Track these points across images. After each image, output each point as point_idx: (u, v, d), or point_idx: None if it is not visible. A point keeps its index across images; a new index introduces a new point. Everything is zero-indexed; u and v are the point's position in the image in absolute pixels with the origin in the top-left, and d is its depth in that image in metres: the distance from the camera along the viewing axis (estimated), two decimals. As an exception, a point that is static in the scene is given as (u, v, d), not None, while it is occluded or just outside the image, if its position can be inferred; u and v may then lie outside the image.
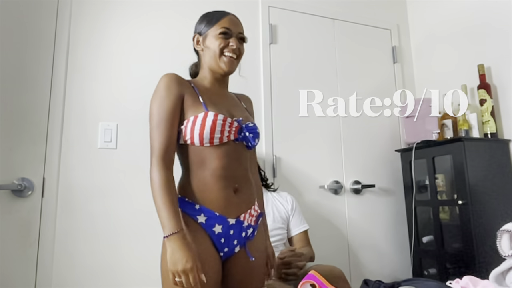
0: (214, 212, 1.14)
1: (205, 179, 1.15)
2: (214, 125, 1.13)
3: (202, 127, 1.13)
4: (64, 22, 1.97)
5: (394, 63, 2.74)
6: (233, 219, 1.17)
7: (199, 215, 1.14)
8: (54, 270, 1.78)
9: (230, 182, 1.18)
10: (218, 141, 1.15)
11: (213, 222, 1.14)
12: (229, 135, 1.17)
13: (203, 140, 1.14)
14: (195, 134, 1.13)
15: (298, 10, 2.50)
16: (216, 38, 1.23)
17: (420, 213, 2.30)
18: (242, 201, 1.21)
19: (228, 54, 1.23)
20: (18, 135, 1.81)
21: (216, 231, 1.14)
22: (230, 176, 1.18)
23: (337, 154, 2.44)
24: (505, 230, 1.10)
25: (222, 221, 1.15)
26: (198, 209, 1.14)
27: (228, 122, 1.17)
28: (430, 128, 2.28)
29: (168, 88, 1.15)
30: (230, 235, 1.16)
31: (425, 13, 2.74)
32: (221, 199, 1.15)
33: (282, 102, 2.35)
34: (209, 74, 1.28)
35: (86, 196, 1.88)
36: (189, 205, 1.15)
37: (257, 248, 1.25)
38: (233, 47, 1.23)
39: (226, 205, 1.16)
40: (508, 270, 1.06)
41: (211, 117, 1.14)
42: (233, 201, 1.18)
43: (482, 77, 2.21)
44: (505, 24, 2.17)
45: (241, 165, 1.23)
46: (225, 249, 1.17)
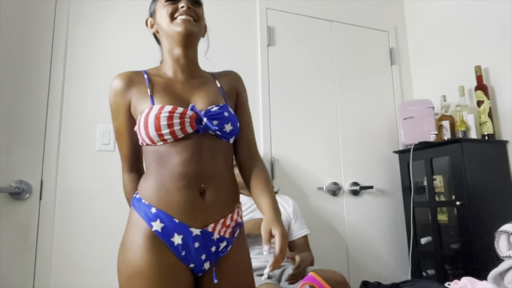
0: (173, 218, 0.94)
1: (163, 177, 0.97)
2: (157, 120, 0.95)
3: (145, 125, 0.96)
4: (62, 23, 1.97)
5: (391, 65, 2.75)
6: (198, 229, 0.96)
7: (154, 221, 0.94)
8: (52, 272, 1.77)
9: (194, 180, 0.97)
10: (171, 137, 0.96)
11: (171, 232, 0.94)
12: (182, 127, 0.96)
13: (152, 139, 0.97)
14: (142, 134, 0.98)
15: (296, 12, 2.51)
16: (163, 7, 1.06)
17: (418, 214, 2.30)
18: (212, 207, 0.98)
19: (181, 17, 1.03)
20: (16, 137, 1.81)
21: (175, 242, 0.94)
22: (194, 174, 0.97)
23: (335, 156, 2.45)
24: (503, 231, 1.10)
25: (182, 230, 0.94)
26: (154, 214, 0.95)
27: (178, 113, 0.96)
28: (428, 129, 2.29)
29: (115, 100, 1.07)
30: (194, 249, 0.95)
31: (422, 15, 2.75)
32: (181, 202, 0.95)
33: (280, 103, 2.35)
34: (169, 54, 1.08)
35: (84, 198, 1.87)
36: (145, 207, 0.96)
37: (234, 266, 1.02)
38: (184, 8, 1.03)
39: (188, 210, 0.95)
40: (506, 271, 1.07)
41: (154, 112, 0.96)
42: (197, 205, 0.96)
43: (480, 78, 2.22)
44: (502, 26, 2.18)
45: (209, 160, 1.00)
46: (191, 264, 0.96)
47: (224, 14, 2.33)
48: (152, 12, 1.13)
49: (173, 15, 1.05)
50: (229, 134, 1.04)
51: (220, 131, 1.02)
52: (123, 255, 0.97)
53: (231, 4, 2.36)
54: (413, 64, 2.81)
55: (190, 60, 1.09)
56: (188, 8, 1.04)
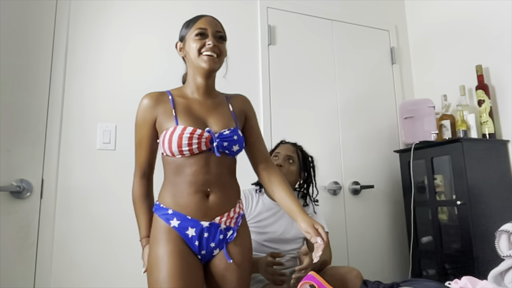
0: (186, 216, 1.17)
1: (178, 185, 1.19)
2: (180, 140, 1.16)
3: (169, 141, 1.17)
4: (62, 23, 1.97)
5: (392, 64, 2.74)
6: (207, 222, 1.18)
7: (172, 220, 1.17)
8: (53, 271, 1.78)
9: (201, 187, 1.19)
10: (189, 153, 1.18)
11: (185, 225, 1.16)
12: (199, 146, 1.18)
13: (173, 153, 1.18)
14: (166, 148, 1.18)
15: (297, 11, 2.51)
16: (193, 40, 1.24)
17: (419, 213, 2.30)
18: (217, 205, 1.20)
19: (206, 53, 1.22)
20: (17, 136, 1.81)
21: (189, 234, 1.16)
22: (201, 181, 1.19)
23: (336, 155, 2.45)
24: (504, 231, 1.10)
25: (194, 224, 1.17)
26: (171, 214, 1.17)
27: (197, 135, 1.18)
28: (428, 128, 2.28)
29: (143, 115, 1.25)
30: (205, 238, 1.18)
31: (423, 14, 2.74)
32: (192, 203, 1.17)
33: (280, 102, 2.35)
34: (192, 79, 1.29)
35: (85, 197, 1.88)
36: (163, 210, 1.19)
37: (240, 249, 1.24)
38: (210, 45, 1.22)
39: (197, 209, 1.18)
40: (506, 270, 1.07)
41: (178, 132, 1.17)
42: (205, 205, 1.19)
43: (480, 77, 2.21)
44: (503, 25, 2.17)
45: (215, 171, 1.22)
46: (202, 251, 1.19)
47: (225, 13, 2.32)
48: (182, 37, 1.31)
49: (200, 49, 1.23)
50: (235, 153, 1.27)
51: (229, 151, 1.24)
52: (150, 250, 1.18)
53: (232, 3, 2.36)
54: (413, 63, 2.81)
55: (208, 86, 1.30)
56: (214, 46, 1.23)
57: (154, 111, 1.24)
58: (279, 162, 1.79)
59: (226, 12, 2.33)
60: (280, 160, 1.80)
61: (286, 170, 1.78)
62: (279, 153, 1.84)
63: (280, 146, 1.90)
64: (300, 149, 1.89)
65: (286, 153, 1.82)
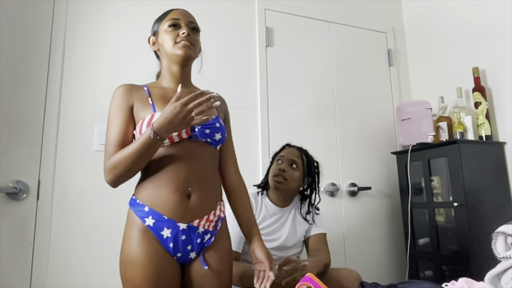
0: (163, 216, 1.09)
1: (156, 181, 1.12)
2: None
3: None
4: (60, 23, 1.97)
5: (389, 66, 2.75)
6: (184, 224, 1.11)
7: (147, 218, 1.09)
8: (49, 272, 1.77)
9: (182, 185, 1.12)
10: (168, 141, 1.11)
11: (161, 226, 1.09)
12: (179, 133, 1.12)
13: None
14: None
15: (295, 13, 2.52)
16: (166, 31, 1.22)
17: (416, 215, 2.31)
18: (197, 206, 1.13)
19: (181, 42, 1.20)
20: (13, 137, 1.80)
21: (164, 235, 1.09)
22: (182, 179, 1.12)
23: (334, 157, 2.45)
24: (500, 232, 1.11)
25: (171, 225, 1.09)
26: (147, 211, 1.10)
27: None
28: (425, 130, 2.29)
29: (118, 102, 1.18)
30: (182, 240, 1.11)
31: (420, 16, 2.76)
32: (171, 203, 1.10)
33: (278, 104, 2.36)
34: (167, 70, 1.25)
35: (82, 199, 1.87)
36: (139, 206, 1.11)
37: (218, 255, 1.17)
38: (184, 34, 1.19)
39: (176, 210, 1.10)
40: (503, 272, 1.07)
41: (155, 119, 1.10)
42: (184, 206, 1.11)
43: (477, 80, 2.22)
44: (500, 27, 2.19)
45: (196, 166, 1.15)
46: (178, 254, 1.12)
47: (222, 15, 2.33)
48: (154, 32, 1.29)
49: (175, 39, 1.21)
50: (218, 142, 1.21)
51: (211, 139, 1.18)
52: (122, 247, 1.12)
53: (229, 5, 2.36)
54: (411, 65, 2.82)
55: (185, 76, 1.26)
56: (188, 35, 1.20)
57: (130, 98, 1.18)
58: (282, 167, 1.74)
59: (224, 14, 2.33)
60: (284, 165, 1.75)
61: (289, 176, 1.73)
62: (283, 157, 1.79)
63: (285, 150, 1.85)
64: (305, 153, 1.84)
65: (290, 158, 1.77)
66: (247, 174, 1.44)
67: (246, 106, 2.27)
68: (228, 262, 1.21)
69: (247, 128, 2.26)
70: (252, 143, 2.26)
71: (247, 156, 2.20)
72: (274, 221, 1.74)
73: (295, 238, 1.75)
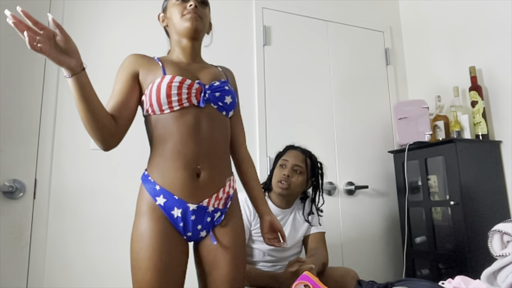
0: (173, 195, 1.09)
1: (165, 155, 1.11)
2: (169, 88, 1.09)
3: (158, 91, 1.09)
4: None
5: (387, 65, 2.76)
6: (194, 204, 1.11)
7: (158, 197, 1.10)
8: (46, 272, 1.76)
9: (191, 162, 1.10)
10: (178, 104, 1.10)
11: (171, 205, 1.09)
12: (189, 97, 1.11)
13: (161, 106, 1.10)
14: (153, 99, 1.10)
15: (292, 12, 2.51)
16: (174, 5, 1.21)
17: (413, 213, 2.32)
18: (206, 185, 1.13)
19: (188, 15, 1.18)
20: (10, 136, 1.79)
21: (174, 215, 1.10)
22: (191, 155, 1.10)
23: (331, 155, 2.45)
24: (496, 230, 1.11)
25: (181, 205, 1.10)
26: (158, 190, 1.10)
27: (187, 84, 1.11)
28: (422, 129, 2.30)
29: (124, 68, 1.17)
30: (191, 220, 1.11)
31: (417, 16, 2.76)
32: (180, 181, 1.09)
33: (275, 103, 2.36)
34: (177, 44, 1.24)
35: (78, 197, 1.86)
36: (151, 184, 1.11)
37: (229, 232, 1.17)
38: (192, 6, 1.18)
39: (185, 189, 1.10)
40: (499, 270, 1.08)
41: (167, 80, 1.10)
42: (194, 185, 1.11)
43: (474, 79, 2.23)
44: (496, 27, 2.19)
45: (207, 139, 1.14)
46: (188, 233, 1.12)
47: (220, 14, 2.32)
48: (164, 8, 1.28)
49: (182, 12, 1.19)
50: (229, 106, 1.20)
51: (222, 102, 1.17)
52: (134, 223, 1.12)
53: (227, 3, 2.35)
54: (408, 64, 2.82)
55: (195, 49, 1.24)
56: (195, 7, 1.18)
57: (136, 64, 1.17)
58: (287, 172, 1.72)
59: (222, 13, 2.32)
60: (288, 170, 1.73)
61: (293, 182, 1.72)
62: (287, 161, 1.75)
63: (288, 152, 1.81)
64: (309, 156, 1.80)
65: (295, 163, 1.74)
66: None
67: (244, 104, 2.24)
68: (240, 236, 1.21)
69: (244, 127, 2.25)
70: (249, 142, 2.22)
71: (244, 155, 2.20)
72: None
73: (295, 239, 1.75)
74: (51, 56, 0.95)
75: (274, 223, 1.30)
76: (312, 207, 1.82)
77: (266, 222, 1.29)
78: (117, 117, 1.11)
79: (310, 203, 1.82)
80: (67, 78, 1.00)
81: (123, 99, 1.14)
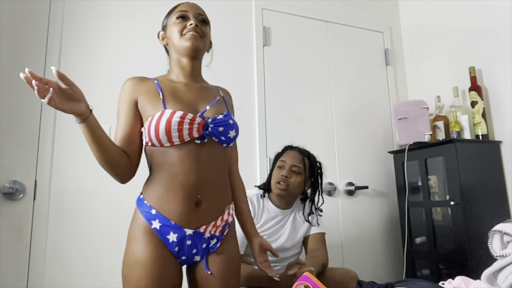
0: (170, 221, 1.08)
1: (165, 184, 1.09)
2: (169, 124, 1.06)
3: (156, 127, 1.06)
4: (56, 23, 1.96)
5: (386, 66, 2.76)
6: (191, 230, 1.10)
7: (154, 220, 1.08)
8: (46, 273, 1.76)
9: (192, 192, 1.09)
10: (178, 140, 1.07)
11: (167, 230, 1.08)
12: (191, 132, 1.08)
13: (160, 141, 1.08)
14: (152, 135, 1.08)
15: (292, 13, 2.52)
16: (174, 24, 1.19)
17: (413, 214, 2.31)
18: (205, 213, 1.12)
19: (189, 33, 1.16)
20: (10, 137, 1.79)
21: (170, 239, 1.08)
22: (192, 185, 1.09)
23: (331, 156, 2.45)
24: (496, 231, 1.11)
25: (177, 230, 1.08)
26: (154, 214, 1.08)
27: (188, 119, 1.08)
28: (422, 129, 2.30)
29: (123, 96, 1.16)
30: (187, 245, 1.10)
31: (416, 16, 2.76)
32: (179, 210, 1.08)
33: (275, 103, 2.36)
34: (176, 64, 1.21)
35: (79, 199, 1.86)
36: (146, 207, 1.09)
37: (223, 261, 1.16)
38: (192, 25, 1.16)
39: (184, 217, 1.09)
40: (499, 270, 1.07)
41: (167, 116, 1.06)
42: (192, 213, 1.10)
43: (473, 79, 2.23)
44: (496, 27, 2.19)
45: (208, 170, 1.12)
46: (183, 257, 1.12)
47: (220, 15, 2.32)
48: (164, 26, 1.26)
49: (182, 31, 1.17)
50: (232, 139, 1.18)
51: (225, 137, 1.15)
52: (127, 247, 1.10)
53: (227, 4, 2.36)
54: (407, 65, 2.82)
55: (194, 69, 1.22)
56: (195, 26, 1.17)
57: (135, 92, 1.14)
58: (285, 173, 1.72)
59: (221, 13, 2.33)
60: (286, 171, 1.72)
61: (291, 182, 1.72)
62: (285, 163, 1.75)
63: (287, 153, 1.80)
64: (307, 156, 1.80)
65: (293, 163, 1.74)
66: (244, 174, 1.43)
67: (243, 105, 2.27)
68: (234, 267, 1.19)
69: (244, 128, 2.23)
70: (249, 143, 2.26)
71: (244, 156, 2.19)
72: (275, 223, 1.74)
73: (295, 239, 1.75)
74: (64, 107, 0.98)
75: (263, 244, 1.30)
76: (312, 207, 1.81)
77: (256, 245, 1.29)
78: (127, 151, 1.13)
79: (310, 203, 1.82)
80: (79, 123, 1.02)
81: (129, 132, 1.13)
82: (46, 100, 0.95)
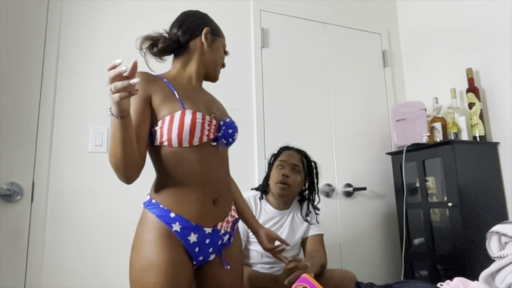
0: (190, 222, 1.09)
1: (182, 186, 1.09)
2: (193, 124, 1.06)
3: (180, 127, 1.05)
4: (54, 24, 1.95)
5: (384, 67, 2.76)
6: (210, 228, 1.13)
7: (174, 223, 1.07)
8: (44, 275, 1.76)
9: (210, 191, 1.13)
10: (198, 141, 1.09)
11: (188, 231, 1.08)
12: (209, 134, 1.12)
13: (182, 141, 1.07)
14: (173, 135, 1.06)
15: (290, 14, 2.52)
16: (221, 51, 1.33)
17: (411, 215, 2.32)
18: (220, 210, 1.17)
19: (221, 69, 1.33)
20: (7, 138, 1.79)
21: (191, 240, 1.09)
22: (211, 185, 1.13)
23: (329, 157, 2.45)
24: (494, 232, 1.11)
25: (198, 230, 1.10)
26: (173, 218, 1.07)
27: (207, 121, 1.11)
28: (420, 131, 2.30)
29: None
30: (206, 244, 1.12)
31: (414, 18, 2.77)
32: (199, 210, 1.10)
33: (273, 105, 2.36)
34: (195, 71, 1.23)
35: (76, 200, 1.86)
36: (163, 211, 1.08)
37: (234, 255, 1.22)
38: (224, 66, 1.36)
39: (204, 216, 1.11)
40: (497, 271, 1.08)
41: (189, 116, 1.07)
42: (211, 211, 1.13)
43: (471, 80, 2.24)
44: (493, 29, 2.20)
45: (222, 169, 1.20)
46: (200, 257, 1.13)
47: (217, 16, 2.31)
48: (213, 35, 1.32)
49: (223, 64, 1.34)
50: (234, 141, 1.24)
51: (232, 139, 1.21)
52: (137, 251, 1.08)
53: (224, 6, 2.36)
54: (405, 66, 2.83)
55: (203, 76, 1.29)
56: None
57: (149, 87, 1.10)
58: (286, 172, 1.73)
59: (219, 15, 2.32)
60: (286, 170, 1.74)
61: (292, 181, 1.73)
62: (284, 162, 1.77)
63: (284, 153, 1.82)
64: (304, 155, 1.83)
65: (292, 162, 1.76)
66: (243, 175, 1.44)
67: (242, 107, 2.27)
68: (241, 260, 1.28)
69: (242, 129, 2.22)
70: (247, 144, 2.26)
71: (242, 157, 2.20)
72: (273, 224, 1.74)
73: (293, 240, 1.75)
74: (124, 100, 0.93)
75: (270, 234, 1.38)
76: (309, 206, 1.82)
77: (263, 235, 1.37)
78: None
79: (307, 203, 1.83)
80: (118, 118, 0.95)
81: (139, 131, 1.07)
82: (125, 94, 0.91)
